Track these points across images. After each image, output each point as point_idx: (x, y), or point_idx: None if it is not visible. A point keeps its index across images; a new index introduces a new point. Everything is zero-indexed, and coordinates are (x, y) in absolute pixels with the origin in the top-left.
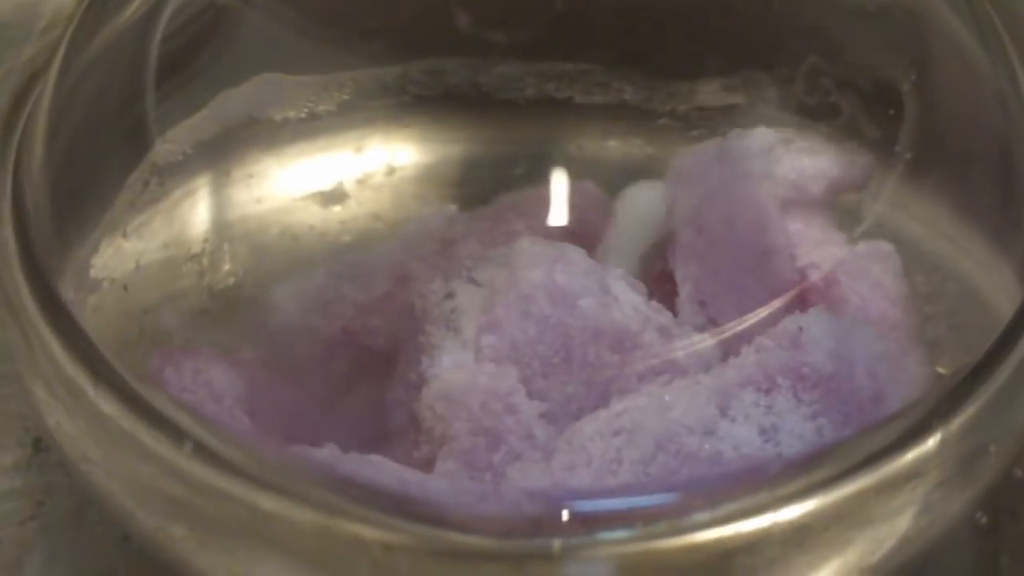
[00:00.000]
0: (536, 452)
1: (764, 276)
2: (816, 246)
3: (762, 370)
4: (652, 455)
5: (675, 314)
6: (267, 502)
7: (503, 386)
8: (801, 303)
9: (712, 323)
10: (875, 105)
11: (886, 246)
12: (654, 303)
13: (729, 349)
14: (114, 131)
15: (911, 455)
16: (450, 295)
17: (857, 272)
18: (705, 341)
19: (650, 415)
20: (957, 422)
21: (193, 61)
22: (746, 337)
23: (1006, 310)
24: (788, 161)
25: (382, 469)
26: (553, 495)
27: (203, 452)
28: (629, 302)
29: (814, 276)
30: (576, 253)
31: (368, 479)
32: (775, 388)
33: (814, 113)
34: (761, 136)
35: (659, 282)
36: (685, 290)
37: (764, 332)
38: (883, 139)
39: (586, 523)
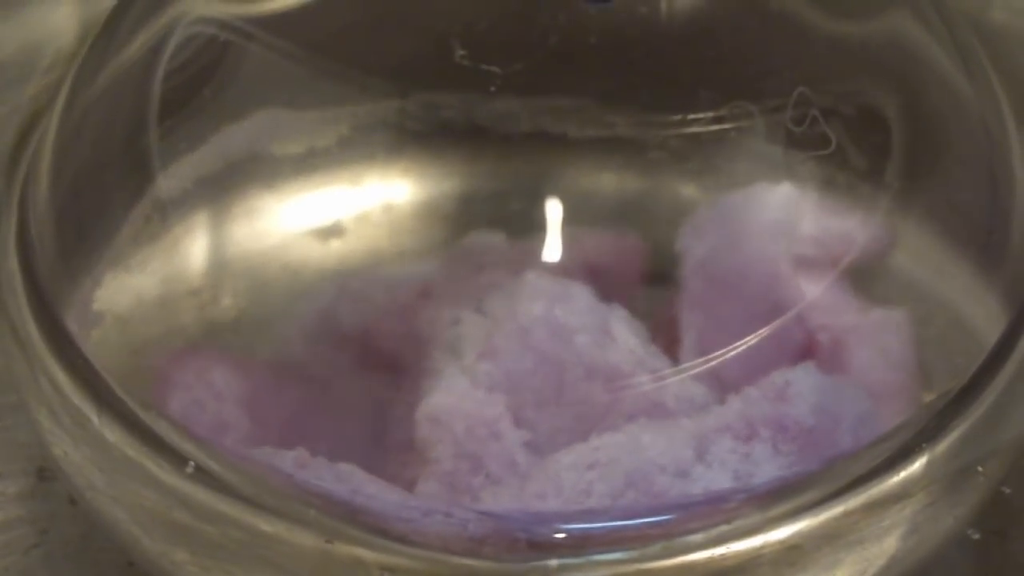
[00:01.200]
0: (516, 479)
1: (771, 333)
2: (829, 310)
3: (744, 418)
4: (622, 491)
5: (677, 361)
6: (267, 525)
7: (490, 413)
8: (802, 361)
9: (712, 374)
10: (863, 135)
11: (899, 314)
12: (653, 347)
13: (720, 398)
14: (118, 166)
15: (899, 476)
16: (457, 322)
17: (865, 338)
18: (696, 388)
19: (626, 452)
20: (944, 444)
21: (196, 97)
22: (736, 387)
23: (992, 336)
24: (812, 219)
25: (348, 479)
26: (547, 517)
27: (204, 476)
28: (626, 343)
29: (822, 338)
30: (580, 291)
31: (325, 489)
32: (755, 437)
33: (803, 143)
34: (786, 191)
35: (668, 327)
36: (688, 338)
37: (754, 383)
38: (870, 169)
39: (582, 544)
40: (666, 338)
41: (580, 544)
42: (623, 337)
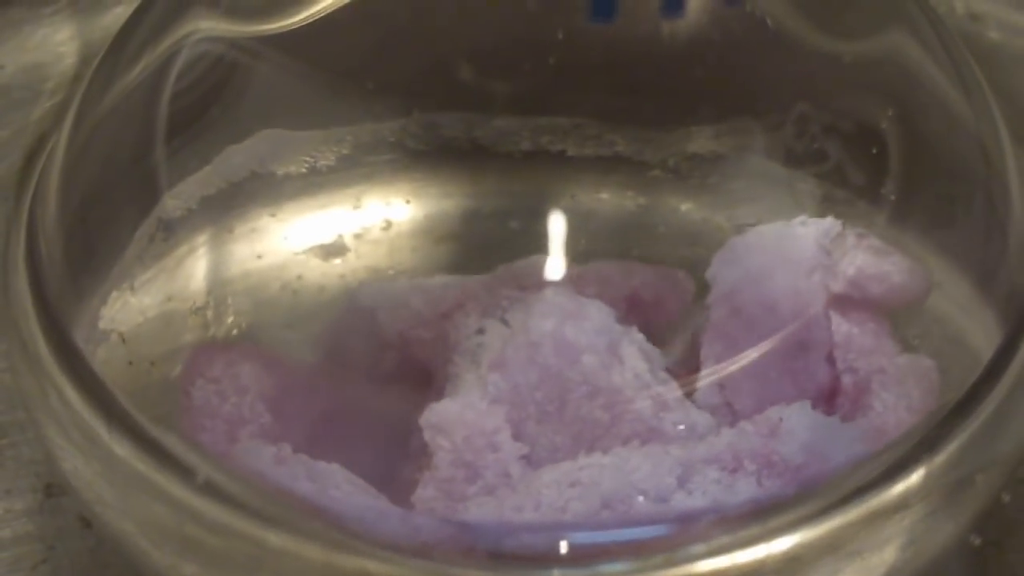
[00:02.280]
0: (509, 491)
1: (793, 370)
2: (861, 351)
3: (732, 450)
4: (597, 511)
5: (694, 390)
6: (275, 538)
7: (489, 424)
8: (823, 402)
9: (728, 406)
10: (861, 152)
11: (927, 361)
12: (662, 373)
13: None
14: (124, 186)
15: (898, 488)
16: (480, 331)
17: (890, 383)
18: (701, 417)
19: (609, 473)
20: (942, 455)
21: (201, 117)
22: (738, 418)
23: (989, 350)
24: (851, 257)
25: (324, 478)
26: (550, 526)
27: (213, 490)
28: (632, 367)
29: (846, 380)
30: (596, 311)
31: (290, 489)
32: (740, 469)
33: (801, 160)
34: (826, 226)
35: (692, 353)
36: (707, 368)
37: (750, 418)
38: (868, 185)
39: (586, 556)
40: (691, 363)
41: (543, 557)
42: (631, 360)
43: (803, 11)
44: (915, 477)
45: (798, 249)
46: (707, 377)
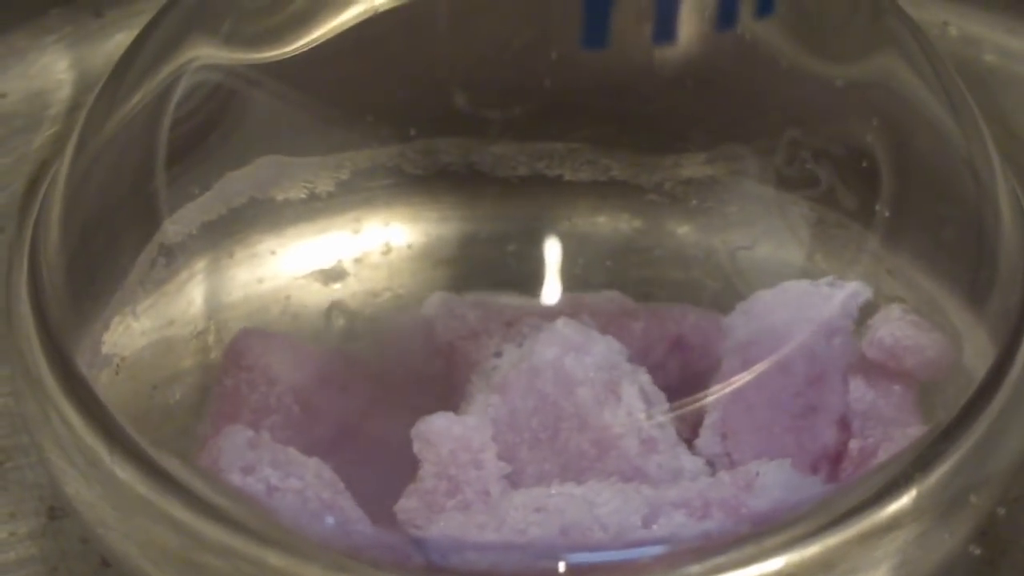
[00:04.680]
0: (486, 508)
1: (799, 429)
2: (880, 421)
3: (703, 497)
4: (553, 539)
5: (695, 437)
6: (275, 559)
7: (476, 441)
8: (827, 465)
9: (727, 456)
10: (852, 175)
11: None
12: (660, 417)
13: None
14: (126, 212)
15: (891, 508)
16: (498, 354)
17: (895, 450)
18: (691, 462)
19: (576, 504)
20: (934, 475)
21: (201, 143)
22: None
23: (981, 370)
24: (891, 327)
25: (289, 467)
26: (554, 545)
27: (214, 511)
28: (627, 406)
29: (853, 447)
30: (603, 346)
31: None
32: (708, 517)
33: (793, 183)
34: (853, 290)
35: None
36: (711, 417)
37: (732, 469)
38: (860, 208)
39: (583, 575)
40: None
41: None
42: (629, 399)
43: (794, 36)
44: (908, 497)
45: (821, 310)
46: (710, 427)
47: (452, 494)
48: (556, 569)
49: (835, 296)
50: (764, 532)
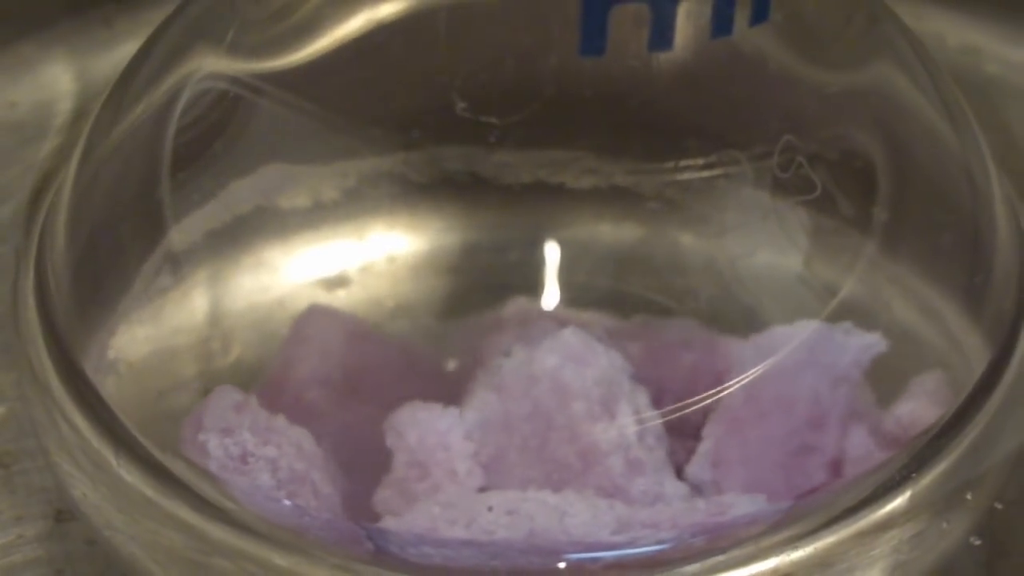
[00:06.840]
0: (456, 488)
1: (790, 467)
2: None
3: (673, 521)
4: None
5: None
6: (281, 560)
7: (442, 424)
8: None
9: (715, 485)
10: (848, 181)
11: None
12: (653, 440)
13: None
14: (131, 219)
15: (886, 508)
16: (507, 353)
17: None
18: (674, 487)
19: (547, 512)
20: (929, 476)
21: (206, 152)
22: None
23: (975, 374)
24: (915, 403)
25: (269, 435)
26: (551, 544)
27: (220, 513)
28: (619, 425)
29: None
30: (605, 360)
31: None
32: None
33: (789, 188)
34: (868, 341)
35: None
36: (704, 445)
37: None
38: (857, 213)
39: (585, 574)
40: (694, 437)
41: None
42: (623, 418)
43: (791, 43)
44: (903, 497)
45: (833, 356)
46: (702, 455)
47: (423, 478)
48: (496, 570)
49: (849, 345)
50: (720, 546)
